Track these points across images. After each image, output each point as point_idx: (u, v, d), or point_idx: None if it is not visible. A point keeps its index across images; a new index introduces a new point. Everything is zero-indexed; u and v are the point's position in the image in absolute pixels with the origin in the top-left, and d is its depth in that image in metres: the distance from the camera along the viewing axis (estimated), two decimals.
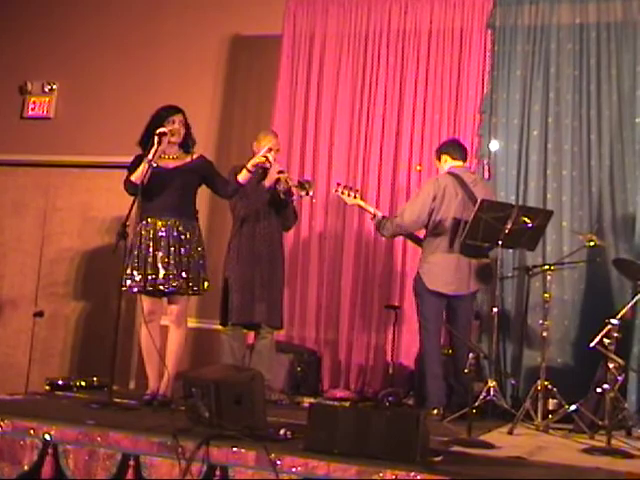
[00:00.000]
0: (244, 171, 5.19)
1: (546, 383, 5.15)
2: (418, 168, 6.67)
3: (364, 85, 6.91)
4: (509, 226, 5.22)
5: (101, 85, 7.66)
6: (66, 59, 7.82)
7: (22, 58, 7.95)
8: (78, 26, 7.85)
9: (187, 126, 5.18)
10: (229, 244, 5.84)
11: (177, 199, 5.07)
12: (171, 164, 5.12)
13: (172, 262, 4.97)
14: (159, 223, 5.02)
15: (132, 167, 5.06)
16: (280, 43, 7.08)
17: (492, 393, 5.16)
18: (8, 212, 7.89)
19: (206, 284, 5.13)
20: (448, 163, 5.75)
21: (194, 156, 5.21)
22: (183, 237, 5.03)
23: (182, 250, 5.01)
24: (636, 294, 4.94)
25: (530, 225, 5.24)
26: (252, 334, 6.04)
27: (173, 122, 5.07)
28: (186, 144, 5.20)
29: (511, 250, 6.08)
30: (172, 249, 4.98)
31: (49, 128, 7.79)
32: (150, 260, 4.97)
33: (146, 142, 5.02)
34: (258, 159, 5.25)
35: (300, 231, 6.85)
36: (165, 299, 5.13)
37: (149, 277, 4.95)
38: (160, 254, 4.97)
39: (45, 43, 7.90)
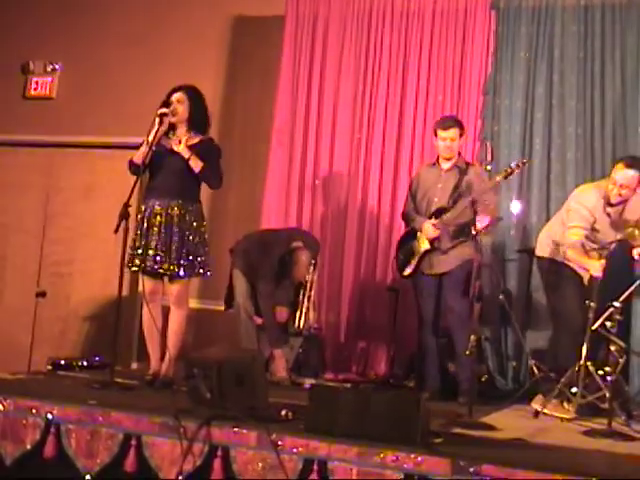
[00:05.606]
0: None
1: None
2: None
3: (367, 66, 6.87)
4: None
5: (104, 65, 7.62)
6: (69, 39, 7.78)
7: (25, 38, 7.91)
8: (81, 6, 7.80)
9: (193, 105, 5.09)
10: None
11: (178, 181, 5.00)
12: (175, 145, 5.06)
13: (169, 244, 4.93)
14: (159, 204, 4.99)
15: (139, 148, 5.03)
16: (283, 24, 7.03)
17: (494, 375, 5.18)
18: (10, 192, 7.87)
19: (208, 271, 5.08)
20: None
21: (203, 138, 5.11)
22: (183, 219, 4.98)
23: (181, 232, 4.95)
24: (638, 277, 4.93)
25: None
26: None
27: (172, 102, 5.04)
28: (197, 124, 5.10)
29: (513, 232, 6.08)
30: (170, 231, 4.94)
31: (51, 108, 7.76)
32: (150, 241, 4.95)
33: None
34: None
35: (302, 213, 6.85)
36: (166, 279, 5.10)
37: (149, 258, 4.94)
38: (158, 236, 4.94)
39: (48, 23, 7.85)
